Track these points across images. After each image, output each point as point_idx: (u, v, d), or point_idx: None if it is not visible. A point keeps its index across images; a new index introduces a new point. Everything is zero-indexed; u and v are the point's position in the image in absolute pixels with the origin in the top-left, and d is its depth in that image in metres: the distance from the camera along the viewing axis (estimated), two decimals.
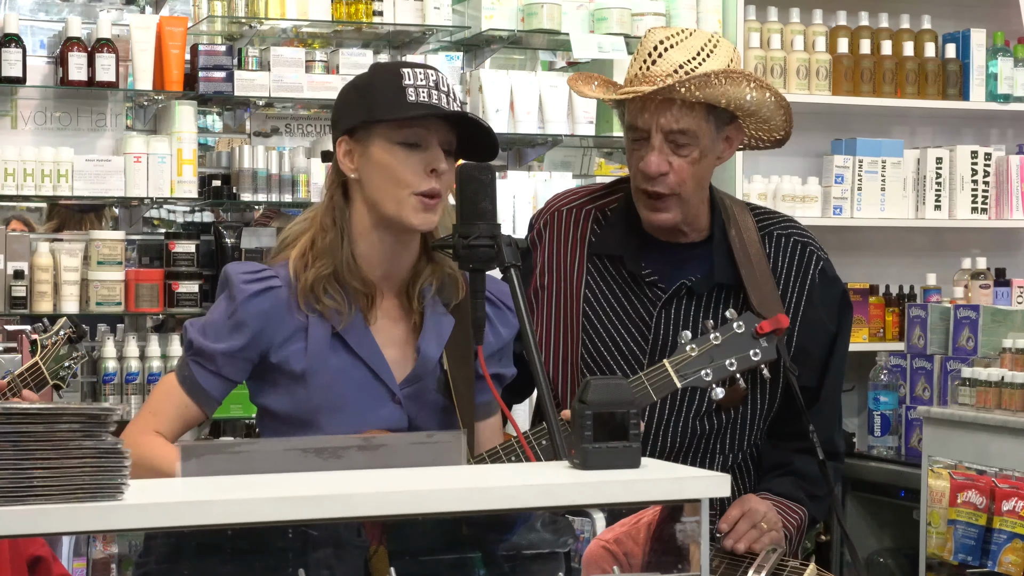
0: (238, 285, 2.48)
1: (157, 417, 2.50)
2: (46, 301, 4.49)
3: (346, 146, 2.50)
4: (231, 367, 2.48)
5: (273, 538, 2.00)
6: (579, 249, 2.86)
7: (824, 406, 2.86)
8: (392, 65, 2.55)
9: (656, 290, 2.80)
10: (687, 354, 2.56)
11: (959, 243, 5.64)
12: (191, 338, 2.49)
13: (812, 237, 2.92)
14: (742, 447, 2.84)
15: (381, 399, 2.50)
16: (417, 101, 2.43)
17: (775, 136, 2.83)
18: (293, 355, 2.48)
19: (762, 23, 5.32)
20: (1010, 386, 4.02)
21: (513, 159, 5.33)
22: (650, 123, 2.69)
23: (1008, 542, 3.87)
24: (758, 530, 2.66)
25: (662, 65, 2.68)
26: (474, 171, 2.30)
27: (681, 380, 2.55)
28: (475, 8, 5.05)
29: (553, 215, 2.91)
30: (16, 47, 4.55)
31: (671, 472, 1.94)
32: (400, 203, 2.46)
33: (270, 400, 2.52)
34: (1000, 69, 5.54)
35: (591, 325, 2.82)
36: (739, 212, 2.87)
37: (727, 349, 2.57)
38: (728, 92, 2.66)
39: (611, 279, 2.84)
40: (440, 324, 2.54)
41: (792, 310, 2.82)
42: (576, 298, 2.84)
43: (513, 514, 2.14)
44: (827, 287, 2.87)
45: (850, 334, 2.95)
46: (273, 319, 2.47)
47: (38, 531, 1.66)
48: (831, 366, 2.87)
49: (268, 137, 5.12)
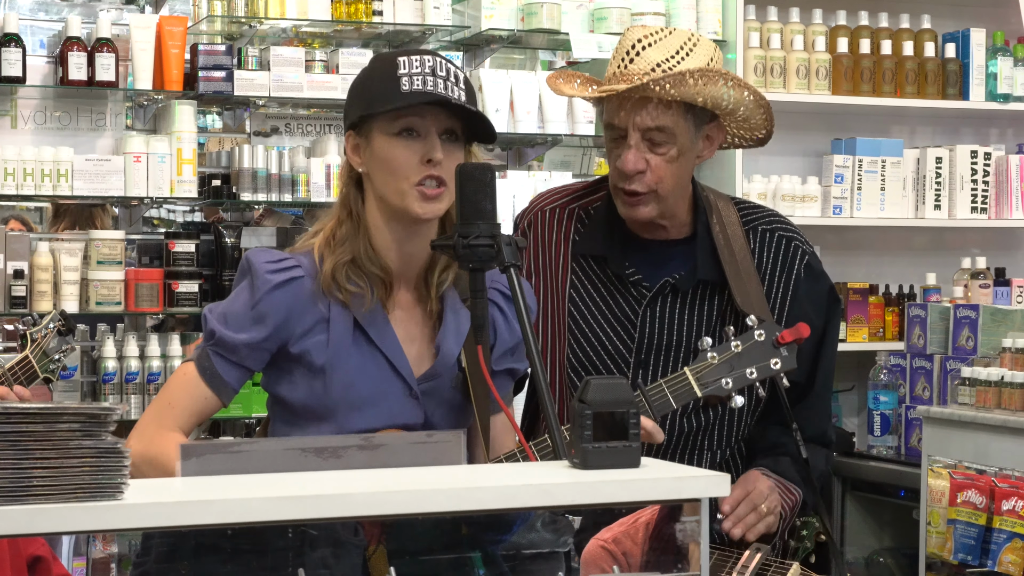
0: (261, 275, 2.45)
1: (174, 408, 2.47)
2: (46, 301, 4.49)
3: (353, 140, 2.50)
4: (252, 358, 2.47)
5: (272, 538, 2.00)
6: (563, 249, 2.87)
7: (815, 400, 2.86)
8: (390, 55, 2.52)
9: (640, 289, 2.81)
10: (708, 362, 2.56)
11: (959, 243, 5.64)
12: (212, 328, 2.47)
13: (797, 232, 2.91)
14: (730, 443, 2.85)
15: (399, 395, 2.49)
16: (410, 90, 2.42)
17: (756, 135, 2.83)
18: (315, 347, 2.46)
19: (762, 23, 5.32)
20: (1010, 386, 4.02)
21: (513, 159, 5.33)
22: (626, 121, 2.69)
23: (1008, 542, 3.87)
24: (757, 514, 2.66)
25: (639, 64, 2.68)
26: (474, 171, 2.30)
27: (702, 389, 2.55)
28: (475, 8, 5.05)
29: (537, 215, 2.91)
30: (16, 47, 4.55)
31: (671, 472, 1.94)
32: (403, 195, 2.45)
33: (285, 390, 2.51)
34: (1000, 69, 5.54)
35: (576, 325, 2.82)
36: (723, 207, 2.87)
37: (747, 358, 2.57)
38: (704, 91, 2.65)
39: (595, 279, 2.84)
40: (459, 321, 2.53)
41: (778, 306, 2.82)
42: (561, 298, 2.85)
43: (512, 514, 2.14)
44: (813, 282, 2.87)
45: (839, 328, 2.95)
46: (295, 310, 2.46)
47: (38, 531, 1.66)
48: (821, 360, 2.87)
49: (268, 137, 5.12)
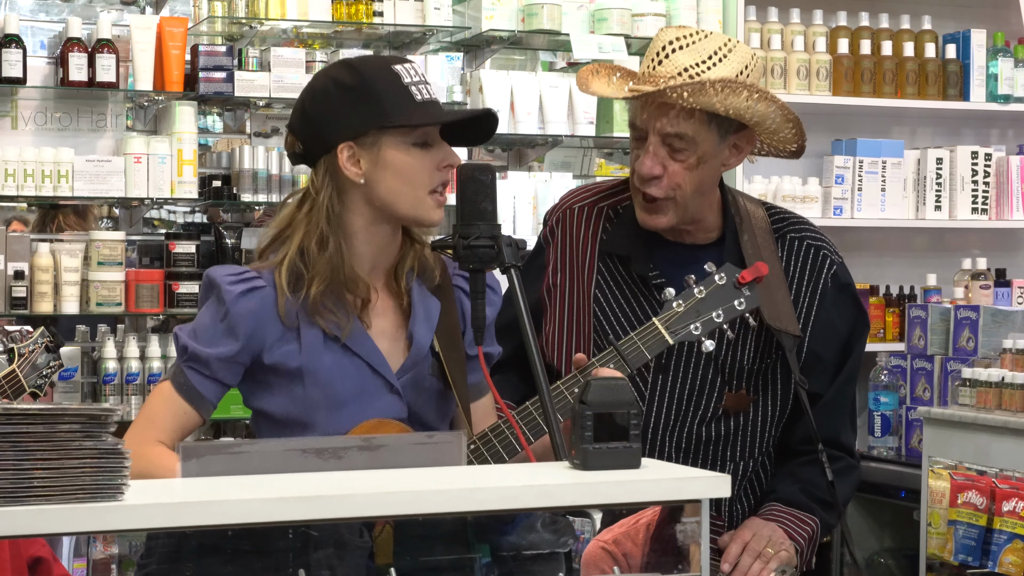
0: (225, 287, 2.44)
1: (155, 425, 2.45)
2: (46, 302, 4.49)
3: (350, 152, 2.43)
4: (226, 371, 2.46)
5: (274, 538, 2.00)
6: (591, 248, 2.83)
7: (829, 405, 2.81)
8: (380, 63, 2.50)
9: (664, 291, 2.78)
10: (675, 311, 2.55)
11: (959, 243, 5.64)
12: (184, 343, 2.45)
13: (826, 240, 2.88)
14: (753, 455, 2.80)
15: (379, 391, 2.48)
16: (423, 99, 2.43)
17: (789, 148, 2.79)
18: (287, 355, 2.45)
19: (762, 23, 5.32)
20: (1010, 386, 4.02)
21: (513, 159, 5.33)
22: (648, 124, 2.66)
23: (1008, 542, 3.86)
24: (763, 559, 2.62)
25: (667, 67, 2.65)
26: (474, 171, 2.30)
27: (672, 336, 2.54)
28: (475, 8, 5.05)
29: (566, 212, 2.88)
30: (16, 47, 4.55)
31: (671, 472, 1.94)
32: (418, 203, 2.44)
33: (266, 403, 2.50)
34: (1000, 69, 5.54)
35: (600, 324, 2.79)
36: (754, 211, 2.84)
37: (712, 301, 2.57)
38: (725, 102, 2.60)
39: (620, 279, 2.81)
40: (428, 309, 2.52)
41: (804, 314, 2.79)
42: (587, 297, 2.81)
43: (511, 514, 2.14)
44: (839, 291, 2.83)
45: (864, 339, 2.89)
46: (263, 318, 2.44)
47: (38, 531, 1.66)
48: (843, 370, 2.83)
49: (268, 137, 5.13)
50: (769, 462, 2.84)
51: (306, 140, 2.48)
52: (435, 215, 2.46)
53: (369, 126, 2.43)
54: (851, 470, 2.85)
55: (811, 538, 2.75)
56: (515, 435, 2.46)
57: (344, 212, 2.47)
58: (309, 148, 2.48)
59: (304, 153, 2.50)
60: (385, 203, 2.45)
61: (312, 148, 2.48)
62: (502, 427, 2.49)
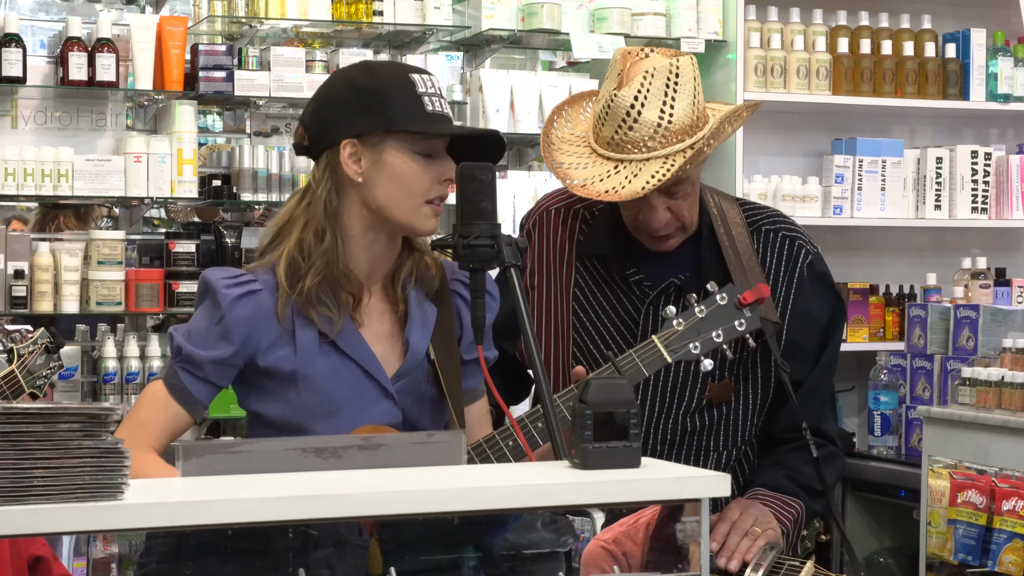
0: (220, 291, 2.44)
1: (146, 428, 2.44)
2: (46, 301, 4.49)
3: (352, 149, 2.45)
4: (219, 374, 2.45)
5: (274, 538, 2.00)
6: (568, 249, 2.87)
7: (809, 393, 2.83)
8: (399, 69, 2.51)
9: (643, 288, 2.81)
10: (674, 329, 2.57)
11: (959, 243, 5.64)
12: (179, 344, 2.45)
13: (800, 231, 2.92)
14: (736, 444, 2.84)
15: (374, 397, 2.49)
16: (434, 111, 2.44)
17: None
18: (282, 359, 2.45)
19: (762, 23, 5.32)
20: (1010, 386, 4.02)
21: (513, 159, 5.33)
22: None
23: (1008, 542, 3.86)
24: (751, 536, 2.64)
25: (639, 131, 2.62)
26: (474, 171, 2.30)
27: (671, 355, 2.56)
28: (475, 8, 5.05)
29: (542, 215, 2.91)
30: (16, 47, 4.55)
31: (671, 472, 1.94)
32: (413, 211, 2.45)
33: (260, 406, 2.50)
34: (1000, 69, 5.54)
35: (581, 325, 2.83)
36: (727, 208, 2.87)
37: (712, 321, 2.59)
38: (713, 143, 2.66)
39: (599, 279, 2.85)
40: (425, 315, 2.53)
41: (782, 304, 2.82)
42: (566, 298, 2.85)
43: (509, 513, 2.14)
44: (815, 280, 2.87)
45: (843, 326, 2.94)
46: (258, 322, 2.44)
47: (38, 531, 1.66)
48: (822, 358, 2.87)
49: (268, 137, 5.13)
50: (752, 451, 2.88)
51: (313, 133, 2.51)
52: (428, 225, 2.47)
53: (375, 126, 2.44)
54: (835, 457, 2.88)
55: (796, 521, 2.78)
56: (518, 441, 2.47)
57: (341, 210, 2.48)
58: (315, 141, 2.50)
59: (309, 146, 2.52)
60: (380, 206, 2.46)
61: (318, 141, 2.50)
62: (497, 438, 2.51)
